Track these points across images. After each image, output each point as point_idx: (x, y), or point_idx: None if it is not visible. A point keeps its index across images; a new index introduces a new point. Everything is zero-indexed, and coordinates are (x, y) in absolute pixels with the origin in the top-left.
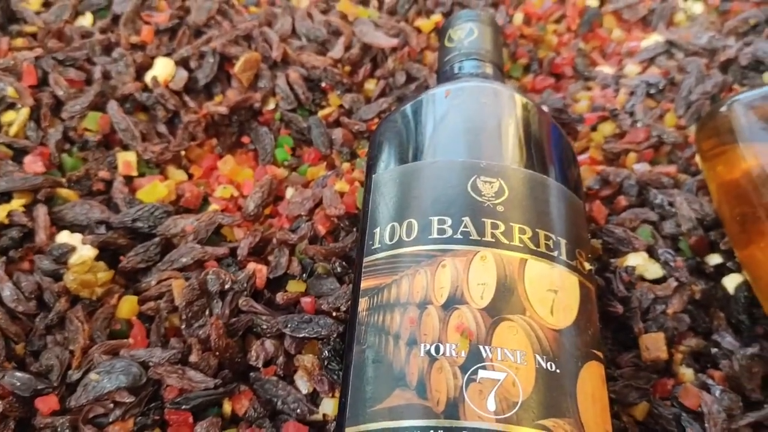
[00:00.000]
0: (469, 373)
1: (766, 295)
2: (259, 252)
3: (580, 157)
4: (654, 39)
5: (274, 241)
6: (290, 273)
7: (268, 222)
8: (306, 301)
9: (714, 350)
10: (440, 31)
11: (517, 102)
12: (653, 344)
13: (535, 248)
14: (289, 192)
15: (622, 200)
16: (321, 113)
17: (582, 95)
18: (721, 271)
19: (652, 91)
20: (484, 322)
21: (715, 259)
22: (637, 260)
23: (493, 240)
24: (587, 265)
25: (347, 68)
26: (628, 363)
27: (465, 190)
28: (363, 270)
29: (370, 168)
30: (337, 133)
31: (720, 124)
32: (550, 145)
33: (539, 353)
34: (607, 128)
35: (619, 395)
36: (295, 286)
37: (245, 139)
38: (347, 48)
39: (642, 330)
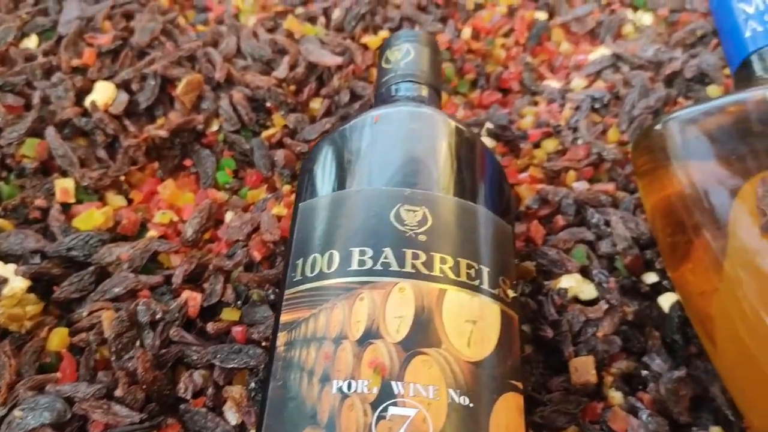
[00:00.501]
0: (379, 410)
1: (697, 316)
2: (195, 279)
3: (521, 176)
4: (600, 52)
5: (211, 267)
6: (224, 301)
7: (207, 247)
8: (237, 330)
9: (644, 373)
10: (379, 52)
11: (447, 127)
12: (582, 367)
13: (455, 278)
14: (229, 216)
15: (560, 220)
16: (264, 134)
17: (528, 110)
18: (658, 289)
19: (597, 105)
20: (398, 357)
21: (651, 278)
22: (570, 282)
23: (413, 271)
24: (511, 293)
25: (292, 87)
26: (558, 387)
27: (387, 219)
28: (284, 303)
29: (298, 196)
30: (279, 155)
31: (654, 142)
32: (479, 171)
33: (453, 387)
34: (550, 145)
35: (547, 420)
36: (229, 314)
37: (187, 162)
38: (292, 67)
39: (572, 354)
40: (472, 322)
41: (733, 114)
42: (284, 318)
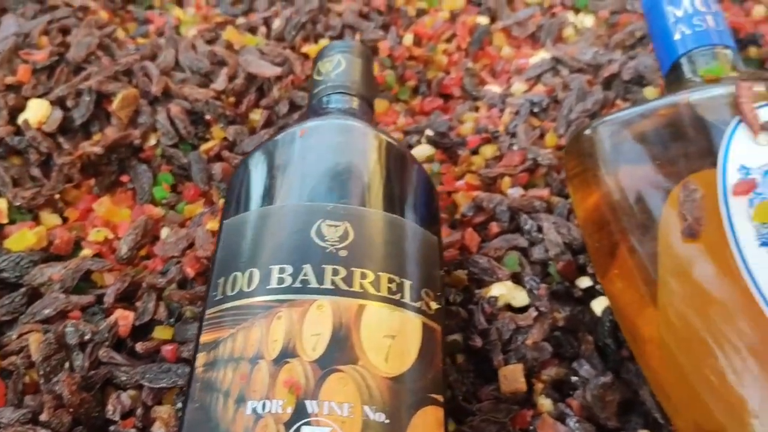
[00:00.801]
0: (292, 429)
1: (625, 323)
2: (129, 297)
3: (458, 183)
4: (541, 56)
5: (144, 285)
6: (157, 319)
7: (143, 264)
8: (167, 349)
9: (574, 379)
10: (313, 63)
11: (375, 140)
12: (511, 376)
13: (375, 293)
14: (165, 232)
15: (495, 227)
16: (203, 147)
17: (468, 116)
18: (591, 293)
19: (536, 109)
20: (313, 375)
21: (585, 282)
22: (500, 290)
23: (333, 287)
24: (434, 305)
25: (231, 99)
26: (488, 396)
27: (309, 235)
28: (204, 323)
29: (224, 213)
30: (217, 168)
31: (583, 146)
32: (406, 183)
33: (368, 404)
34: (489, 151)
35: (477, 429)
36: (161, 332)
37: (125, 178)
38: (231, 78)
39: (501, 362)
40: (391, 336)
41: (661, 118)
42: (204, 338)
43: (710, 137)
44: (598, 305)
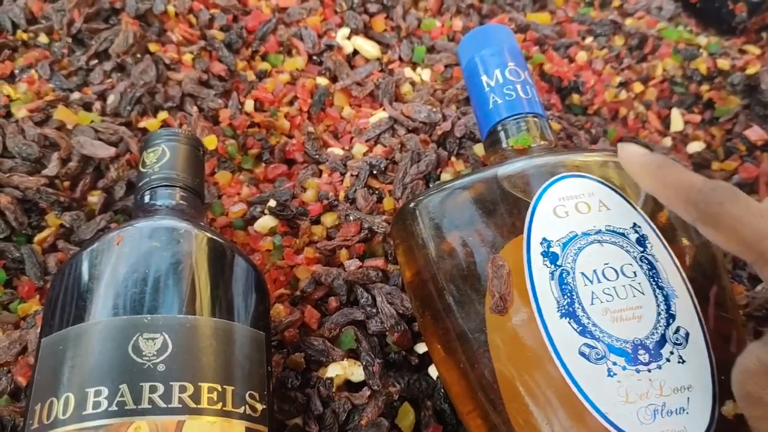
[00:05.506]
0: None
1: (452, 394)
2: None
3: (298, 258)
4: (379, 116)
5: None
6: None
7: None
8: None
9: None
10: (139, 153)
11: (192, 241)
12: None
13: (195, 406)
14: None
15: (333, 301)
16: (38, 237)
17: (311, 182)
18: (428, 359)
19: (375, 171)
20: None
21: (422, 348)
22: (336, 370)
23: (150, 406)
24: (260, 406)
25: (66, 183)
26: None
27: (126, 352)
28: None
29: (42, 330)
30: (52, 260)
31: (406, 221)
32: (230, 283)
33: None
34: (329, 219)
35: None
36: None
37: None
38: (65, 162)
39: None
40: None
41: (475, 192)
42: None
43: (517, 211)
44: (434, 370)
